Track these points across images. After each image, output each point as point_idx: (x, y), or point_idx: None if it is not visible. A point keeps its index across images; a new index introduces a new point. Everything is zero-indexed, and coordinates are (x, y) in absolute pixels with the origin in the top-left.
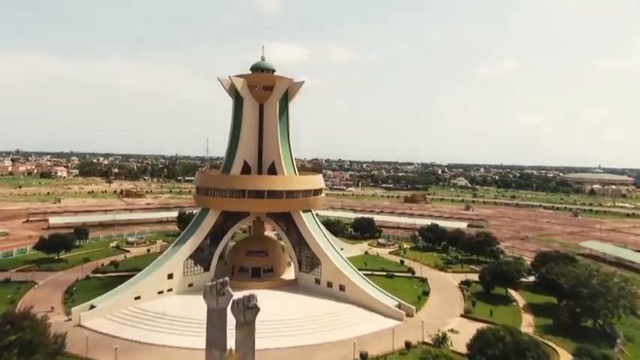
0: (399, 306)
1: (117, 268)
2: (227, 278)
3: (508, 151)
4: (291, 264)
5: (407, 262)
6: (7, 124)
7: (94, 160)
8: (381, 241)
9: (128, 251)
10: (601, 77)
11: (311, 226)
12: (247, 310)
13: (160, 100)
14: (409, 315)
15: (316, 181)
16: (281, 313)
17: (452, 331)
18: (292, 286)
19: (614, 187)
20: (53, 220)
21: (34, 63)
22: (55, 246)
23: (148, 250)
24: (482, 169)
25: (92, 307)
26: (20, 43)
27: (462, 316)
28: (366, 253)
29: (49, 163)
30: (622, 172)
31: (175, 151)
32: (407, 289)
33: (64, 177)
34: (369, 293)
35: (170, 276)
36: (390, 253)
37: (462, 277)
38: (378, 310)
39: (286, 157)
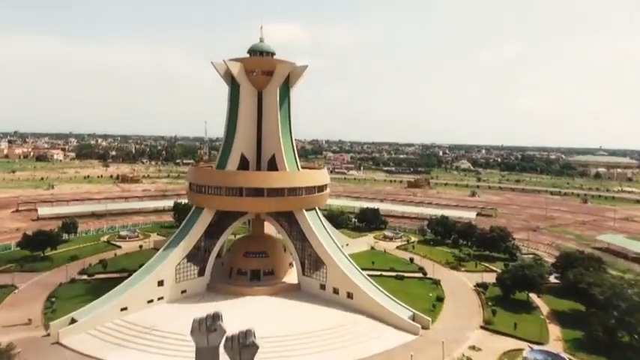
0: (414, 317)
1: (105, 269)
2: (219, 312)
3: (509, 132)
4: (294, 264)
5: (416, 258)
6: (6, 105)
7: (92, 142)
8: (387, 233)
9: (119, 247)
10: (603, 59)
11: (315, 226)
12: (244, 349)
13: (159, 80)
14: (425, 327)
15: (320, 176)
16: (280, 328)
17: (473, 348)
18: (294, 291)
19: (619, 170)
20: (42, 210)
21: (35, 43)
22: (40, 243)
23: (141, 247)
24: (483, 151)
25: (73, 320)
26: (19, 23)
27: (482, 327)
28: (372, 248)
29: (46, 146)
30: (624, 153)
31: (175, 132)
32: (419, 293)
33: (61, 160)
34: (381, 303)
35: (161, 283)
36: (397, 247)
37: (477, 277)
38: (391, 323)
39: (288, 149)
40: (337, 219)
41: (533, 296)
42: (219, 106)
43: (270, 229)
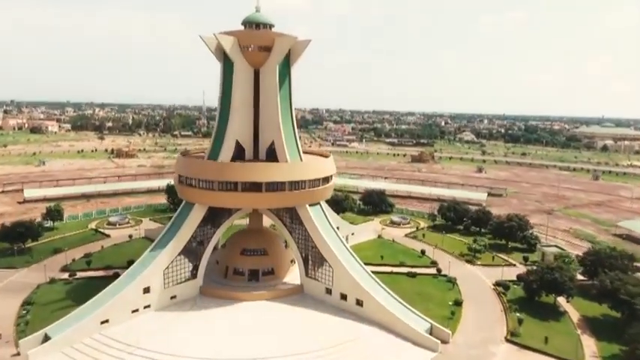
0: (431, 329)
1: (89, 266)
2: None
3: (510, 100)
4: (295, 262)
5: (428, 249)
6: (4, 74)
7: (90, 112)
8: (394, 218)
9: (108, 235)
10: (606, 29)
11: (320, 223)
12: None
13: (159, 47)
14: (444, 342)
15: (326, 166)
16: (281, 345)
17: None
18: (297, 295)
19: (626, 142)
20: (29, 192)
21: (32, 11)
22: (18, 236)
23: (130, 237)
24: (485, 121)
25: (47, 337)
26: None
27: (507, 340)
28: (380, 236)
29: (41, 116)
30: (627, 123)
31: (173, 101)
32: (435, 295)
33: (55, 132)
34: (395, 314)
35: (147, 290)
36: (406, 235)
37: (495, 272)
38: (406, 337)
39: (289, 136)
40: (341, 203)
41: (560, 299)
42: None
43: (268, 220)
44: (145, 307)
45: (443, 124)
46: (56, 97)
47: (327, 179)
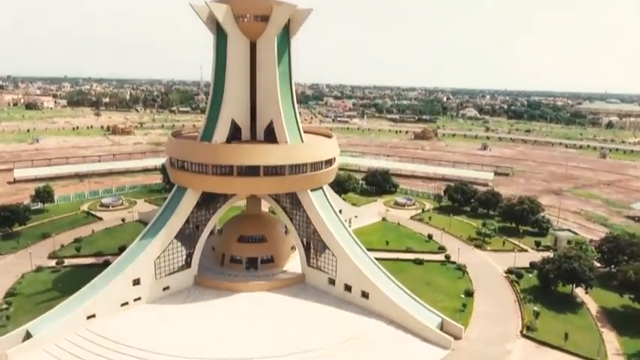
0: (442, 324)
1: (79, 252)
2: None
3: (512, 75)
4: (296, 249)
5: (435, 233)
6: (1, 49)
7: (87, 87)
8: (399, 200)
9: (100, 218)
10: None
11: (323, 210)
12: None
13: (156, 23)
14: (456, 337)
15: (329, 147)
16: (281, 342)
17: None
18: (298, 285)
19: (632, 119)
20: (19, 173)
21: None
22: (4, 220)
23: (123, 220)
24: (488, 96)
25: (28, 335)
26: None
27: (523, 335)
28: (384, 219)
29: (38, 92)
30: (630, 99)
31: (172, 76)
32: (444, 285)
33: (51, 108)
34: (403, 308)
35: (137, 282)
36: (411, 218)
37: (506, 259)
38: (416, 333)
39: (289, 115)
40: (344, 184)
41: (577, 289)
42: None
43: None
44: (136, 300)
45: (445, 99)
46: (53, 73)
47: (330, 162)
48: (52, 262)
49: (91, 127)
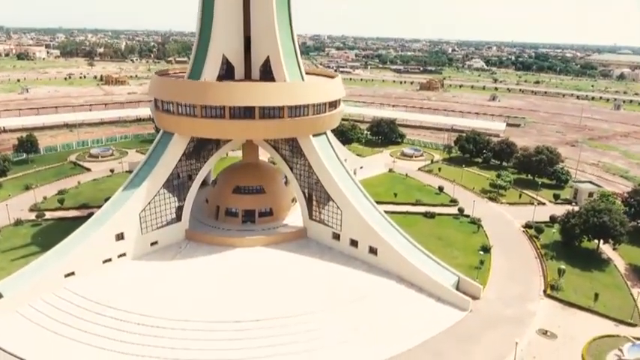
0: (458, 283)
1: (62, 205)
2: None
3: (519, 27)
4: (297, 201)
5: (446, 185)
6: None
7: (81, 38)
8: (406, 150)
9: (88, 169)
10: None
11: (327, 157)
12: None
13: None
14: (474, 297)
15: (333, 88)
16: (280, 303)
17: (545, 333)
18: (299, 240)
19: None
20: (4, 122)
21: None
22: None
23: (112, 171)
24: (494, 48)
25: None
26: None
27: (547, 295)
28: (391, 170)
29: (31, 42)
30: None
31: (170, 27)
32: (458, 239)
33: (44, 58)
34: (415, 265)
35: (120, 236)
36: (419, 169)
37: (524, 212)
38: (430, 293)
39: (288, 50)
40: (347, 134)
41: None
42: None
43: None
44: (120, 257)
45: (450, 51)
46: (48, 24)
47: (334, 104)
48: (33, 215)
49: (84, 76)
